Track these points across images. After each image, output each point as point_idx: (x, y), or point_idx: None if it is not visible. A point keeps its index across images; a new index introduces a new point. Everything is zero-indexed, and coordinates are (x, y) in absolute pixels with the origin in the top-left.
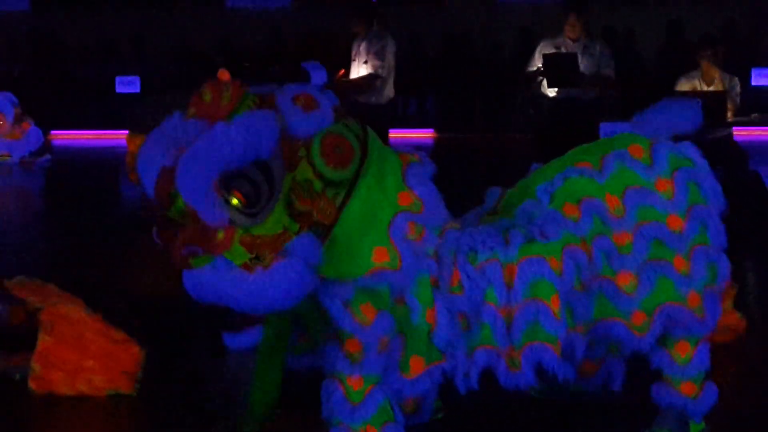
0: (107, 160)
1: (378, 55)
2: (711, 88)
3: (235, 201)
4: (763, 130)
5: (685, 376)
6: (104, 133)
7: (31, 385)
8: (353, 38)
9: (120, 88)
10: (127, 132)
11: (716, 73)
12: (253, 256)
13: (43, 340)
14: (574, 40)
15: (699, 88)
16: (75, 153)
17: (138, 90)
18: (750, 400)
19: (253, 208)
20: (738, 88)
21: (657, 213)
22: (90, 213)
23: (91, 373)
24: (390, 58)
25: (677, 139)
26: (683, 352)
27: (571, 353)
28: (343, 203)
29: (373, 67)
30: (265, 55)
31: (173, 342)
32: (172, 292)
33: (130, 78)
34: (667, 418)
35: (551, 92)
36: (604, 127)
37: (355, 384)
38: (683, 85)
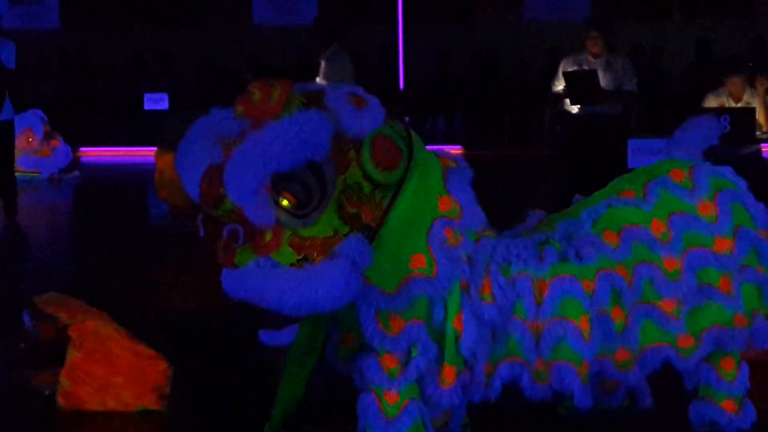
0: (135, 177)
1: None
2: (739, 105)
3: (285, 202)
4: None
5: (731, 393)
6: (132, 150)
7: (60, 400)
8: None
9: (148, 105)
10: (155, 149)
11: (744, 91)
12: (301, 257)
13: (72, 356)
14: (596, 56)
15: (727, 105)
16: (103, 170)
17: (166, 107)
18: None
19: (304, 209)
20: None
21: (703, 237)
22: (118, 230)
23: (119, 389)
24: (344, 77)
25: (709, 153)
26: (729, 369)
27: (597, 378)
28: (390, 205)
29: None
30: (293, 71)
31: (201, 358)
32: (200, 307)
33: (158, 95)
34: None
35: (574, 109)
36: (632, 143)
37: (391, 398)
38: (711, 102)
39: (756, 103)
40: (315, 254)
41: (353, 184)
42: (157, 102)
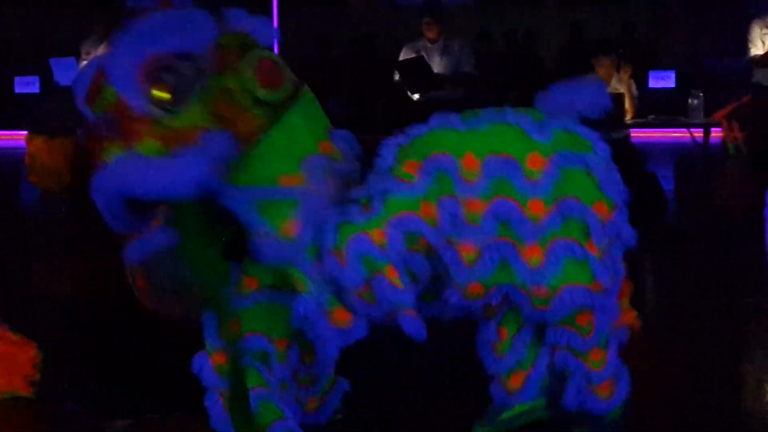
0: (5, 161)
1: None
2: (608, 90)
3: (158, 93)
4: (660, 132)
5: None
6: (2, 134)
7: None
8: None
9: (19, 89)
10: (26, 133)
11: (613, 76)
12: (165, 148)
13: None
14: (432, 42)
15: None
16: None
17: (38, 90)
18: (643, 399)
19: (176, 105)
20: (635, 90)
21: (515, 191)
22: None
23: None
24: None
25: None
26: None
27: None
28: (266, 127)
29: None
30: None
31: (73, 344)
32: (69, 293)
33: (29, 78)
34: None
35: (416, 96)
36: None
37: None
38: None
39: (623, 90)
40: (178, 146)
41: (228, 89)
42: (27, 85)
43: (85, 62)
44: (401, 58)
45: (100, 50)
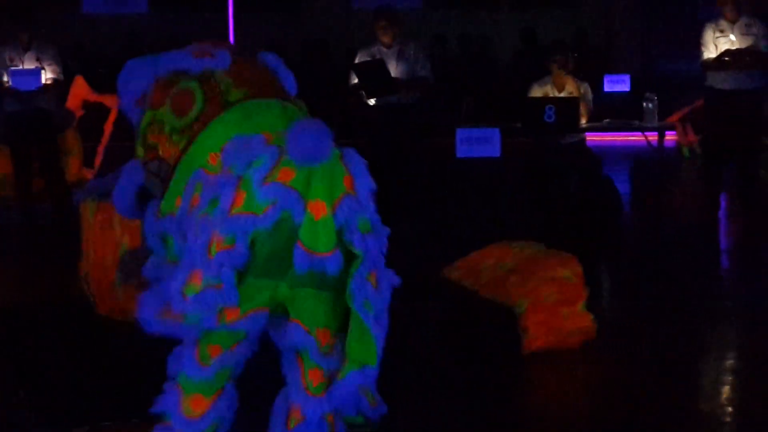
0: None
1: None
2: (563, 94)
3: None
4: (614, 136)
5: None
6: None
7: None
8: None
9: None
10: None
11: (567, 79)
12: None
13: None
14: (388, 46)
15: (551, 94)
16: None
17: None
18: (602, 401)
19: None
20: (590, 94)
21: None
22: None
23: None
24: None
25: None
26: None
27: None
28: (185, 148)
29: (55, 72)
30: (122, 61)
31: (23, 353)
32: (24, 301)
33: None
34: None
35: (372, 101)
36: (461, 132)
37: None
38: (536, 91)
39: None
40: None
41: (158, 120)
42: None
43: (10, 68)
44: (356, 61)
45: (26, 59)
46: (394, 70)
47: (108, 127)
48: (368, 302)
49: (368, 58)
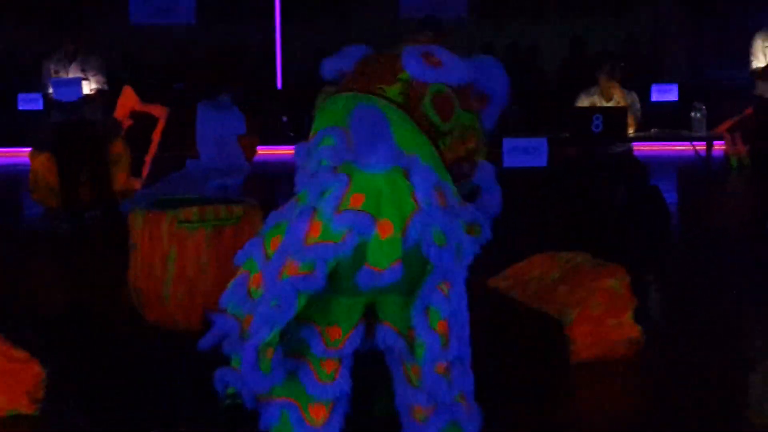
0: (9, 177)
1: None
2: (611, 104)
3: None
4: (662, 146)
5: None
6: (6, 151)
7: None
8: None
9: (22, 105)
10: (29, 150)
11: (615, 89)
12: None
13: None
14: None
15: (599, 104)
16: None
17: (41, 107)
18: (650, 412)
19: None
20: (638, 104)
21: None
22: None
23: None
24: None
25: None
26: None
27: None
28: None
29: (100, 82)
30: (170, 71)
31: (76, 360)
32: (73, 310)
33: (32, 95)
34: None
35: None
36: (507, 142)
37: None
38: (583, 101)
39: (624, 103)
40: None
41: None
42: (30, 102)
43: (51, 79)
44: None
45: (71, 70)
46: None
47: (156, 137)
48: (432, 309)
49: None
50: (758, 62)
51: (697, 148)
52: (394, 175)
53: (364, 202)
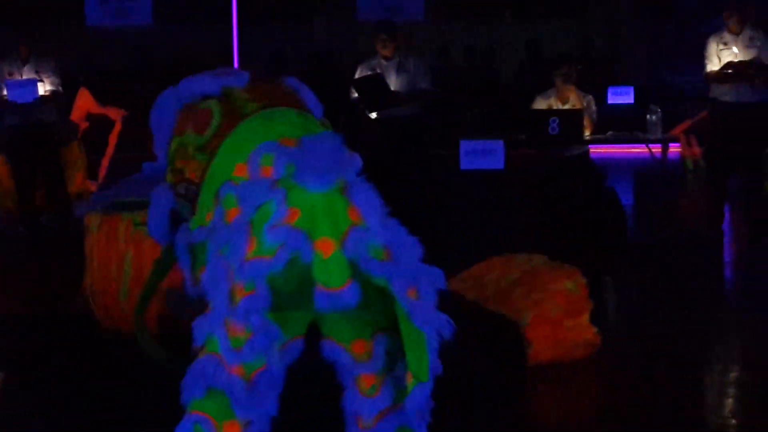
0: None
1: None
2: (567, 106)
3: None
4: (618, 148)
5: None
6: None
7: None
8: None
9: None
10: None
11: (571, 92)
12: None
13: None
14: (387, 59)
15: (555, 107)
16: None
17: None
18: (606, 413)
19: None
20: (594, 106)
21: None
22: None
23: None
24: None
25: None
26: None
27: None
28: (207, 165)
29: (54, 84)
30: (129, 74)
31: (29, 365)
32: (28, 313)
33: None
34: None
35: (373, 114)
36: (464, 144)
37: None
38: (540, 103)
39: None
40: None
41: (183, 144)
42: None
43: (6, 80)
44: (357, 75)
45: (25, 71)
46: (393, 83)
47: (112, 140)
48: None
49: (368, 72)
50: (712, 65)
51: (653, 150)
52: (332, 193)
53: (299, 218)
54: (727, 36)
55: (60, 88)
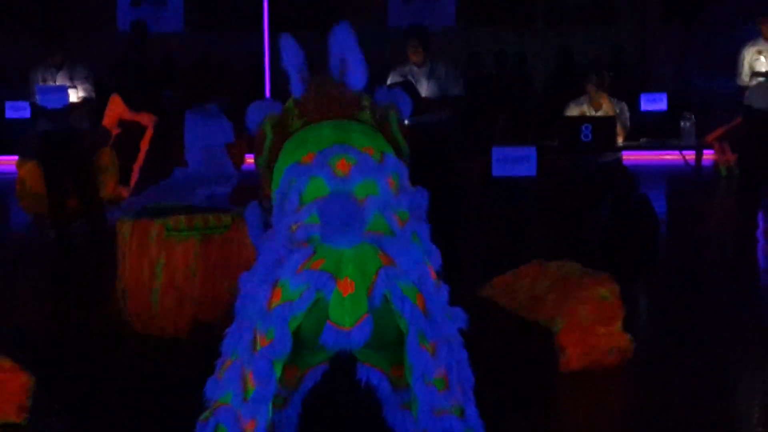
0: None
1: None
2: (600, 113)
3: None
4: (651, 155)
5: None
6: None
7: None
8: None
9: (9, 114)
10: (17, 158)
11: (604, 99)
12: None
13: None
14: (418, 65)
15: (587, 113)
16: None
17: (28, 116)
18: (639, 421)
19: None
20: (627, 113)
21: None
22: None
23: None
24: None
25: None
26: None
27: None
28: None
29: (87, 91)
30: (157, 79)
31: (63, 370)
32: (60, 318)
33: (19, 103)
34: None
35: (405, 121)
36: (496, 151)
37: None
38: (572, 110)
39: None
40: None
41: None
42: (18, 110)
43: (37, 86)
44: (388, 82)
45: (58, 78)
46: (424, 89)
47: (144, 146)
48: (426, 375)
49: (399, 78)
50: (745, 73)
51: (687, 157)
52: (361, 246)
53: (324, 264)
54: (762, 43)
55: (93, 95)
